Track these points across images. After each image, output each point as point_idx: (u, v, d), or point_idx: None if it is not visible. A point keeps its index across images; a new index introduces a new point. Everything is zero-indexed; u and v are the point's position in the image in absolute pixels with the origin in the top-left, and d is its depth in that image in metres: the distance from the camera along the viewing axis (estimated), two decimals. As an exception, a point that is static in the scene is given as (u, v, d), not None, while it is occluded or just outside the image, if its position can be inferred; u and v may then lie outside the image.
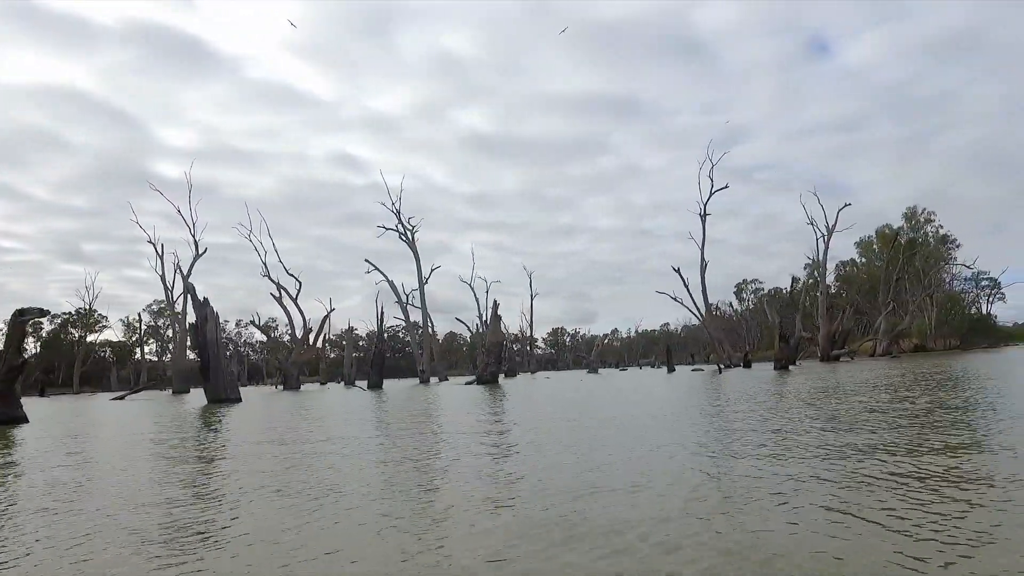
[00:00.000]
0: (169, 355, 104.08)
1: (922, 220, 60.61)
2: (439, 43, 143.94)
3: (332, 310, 41.83)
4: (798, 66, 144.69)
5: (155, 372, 77.07)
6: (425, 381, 42.37)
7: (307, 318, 41.47)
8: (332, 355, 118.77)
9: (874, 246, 68.14)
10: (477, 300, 49.29)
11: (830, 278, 74.56)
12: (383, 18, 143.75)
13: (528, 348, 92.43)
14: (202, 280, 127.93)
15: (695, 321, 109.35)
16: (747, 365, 35.35)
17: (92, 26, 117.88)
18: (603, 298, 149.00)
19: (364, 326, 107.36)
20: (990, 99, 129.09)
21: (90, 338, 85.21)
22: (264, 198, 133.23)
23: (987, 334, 58.06)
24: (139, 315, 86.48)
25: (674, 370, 38.70)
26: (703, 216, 40.34)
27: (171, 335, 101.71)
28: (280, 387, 41.46)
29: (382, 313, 34.64)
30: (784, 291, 79.27)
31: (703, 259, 40.15)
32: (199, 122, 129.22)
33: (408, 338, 61.52)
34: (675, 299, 41.30)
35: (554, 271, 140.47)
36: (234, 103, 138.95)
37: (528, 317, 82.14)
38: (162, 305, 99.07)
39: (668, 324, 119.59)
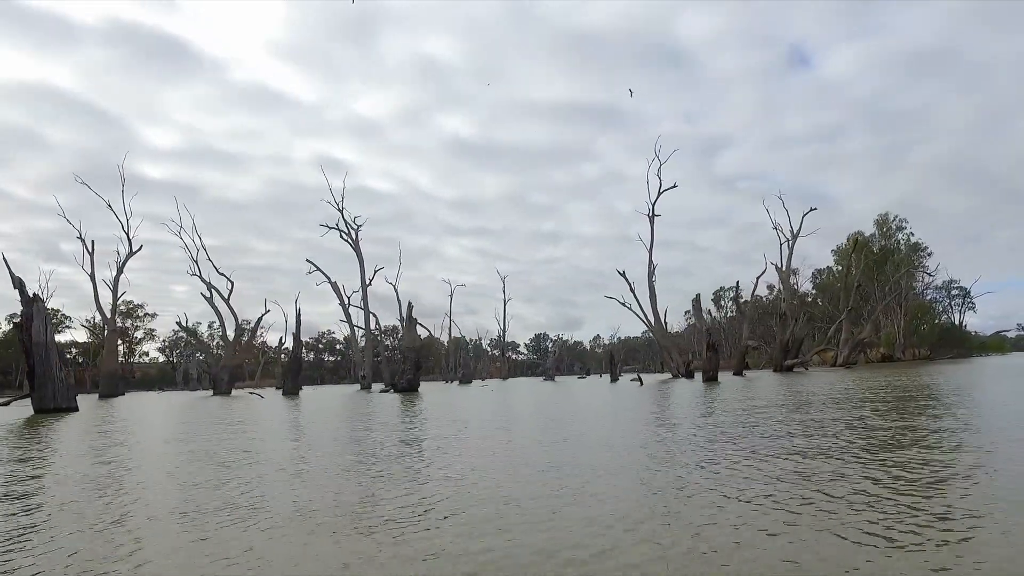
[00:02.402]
0: (137, 356, 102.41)
1: (894, 227, 59.10)
2: (422, 48, 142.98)
3: (267, 311, 39.95)
4: (778, 77, 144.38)
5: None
6: (367, 387, 40.52)
7: (239, 320, 39.61)
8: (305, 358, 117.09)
9: (851, 254, 66.57)
10: (399, 302, 47.23)
11: (807, 286, 73.09)
12: (366, 22, 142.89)
13: (501, 353, 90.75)
14: (186, 282, 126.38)
15: (675, 329, 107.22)
16: (689, 375, 33.71)
17: (73, 24, 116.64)
18: (588, 304, 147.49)
19: (342, 329, 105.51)
20: (962, 113, 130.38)
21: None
22: (247, 200, 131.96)
23: (958, 344, 56.40)
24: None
25: (617, 379, 37.08)
26: (651, 217, 38.71)
27: (139, 337, 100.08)
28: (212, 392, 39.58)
29: (299, 314, 32.84)
30: (764, 299, 77.77)
31: (651, 263, 38.49)
32: (181, 123, 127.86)
33: (386, 342, 59.52)
34: (623, 304, 39.71)
35: (539, 277, 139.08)
36: (217, 104, 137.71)
37: (501, 322, 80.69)
38: (130, 305, 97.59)
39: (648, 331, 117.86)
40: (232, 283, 39.64)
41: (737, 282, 44.90)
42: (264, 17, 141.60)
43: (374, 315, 46.26)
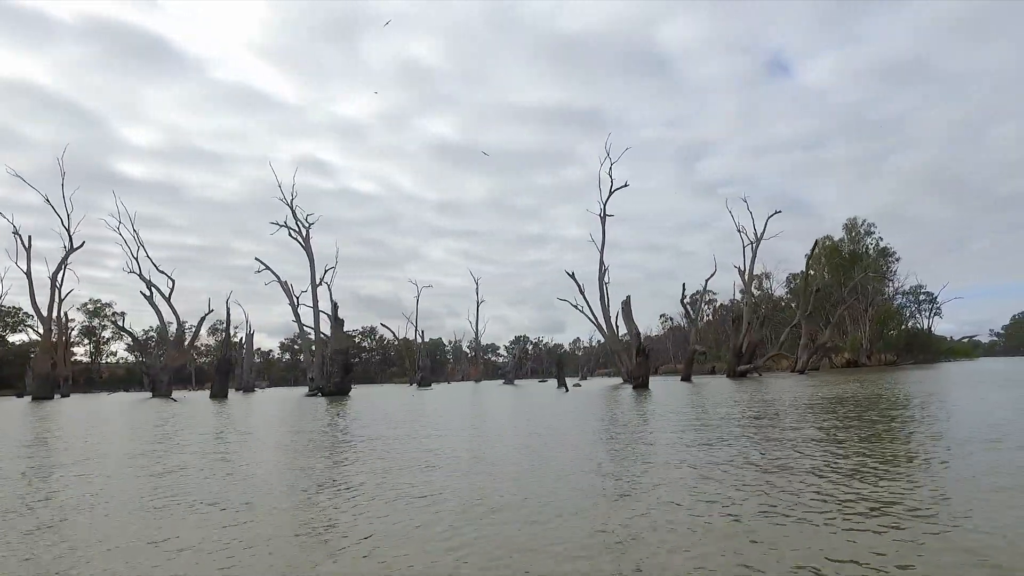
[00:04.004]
0: (104, 357, 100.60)
1: (862, 232, 58.51)
2: (405, 51, 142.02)
3: (211, 311, 38.67)
4: (759, 84, 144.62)
5: (78, 375, 73.36)
6: (315, 390, 39.39)
7: (181, 320, 38.38)
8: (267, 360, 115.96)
9: (822, 259, 65.94)
10: (334, 303, 45.51)
11: (781, 291, 72.32)
12: (349, 24, 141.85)
13: (477, 355, 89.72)
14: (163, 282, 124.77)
15: (654, 332, 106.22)
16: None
17: (49, 21, 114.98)
18: (572, 307, 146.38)
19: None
20: (938, 123, 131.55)
21: (13, 338, 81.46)
22: (230, 200, 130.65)
23: (925, 349, 55.77)
24: (64, 313, 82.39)
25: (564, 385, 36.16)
26: (603, 217, 37.83)
27: (105, 336, 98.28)
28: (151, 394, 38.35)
29: (228, 314, 31.62)
30: (741, 303, 77.02)
31: (602, 264, 37.63)
32: (163, 122, 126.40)
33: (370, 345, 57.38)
34: (576, 307, 38.82)
35: (525, 280, 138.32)
36: (199, 104, 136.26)
37: (475, 324, 79.65)
38: (98, 304, 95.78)
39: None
40: (173, 281, 38.51)
41: (683, 284, 43.90)
42: (246, 17, 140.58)
43: (327, 315, 45.12)
